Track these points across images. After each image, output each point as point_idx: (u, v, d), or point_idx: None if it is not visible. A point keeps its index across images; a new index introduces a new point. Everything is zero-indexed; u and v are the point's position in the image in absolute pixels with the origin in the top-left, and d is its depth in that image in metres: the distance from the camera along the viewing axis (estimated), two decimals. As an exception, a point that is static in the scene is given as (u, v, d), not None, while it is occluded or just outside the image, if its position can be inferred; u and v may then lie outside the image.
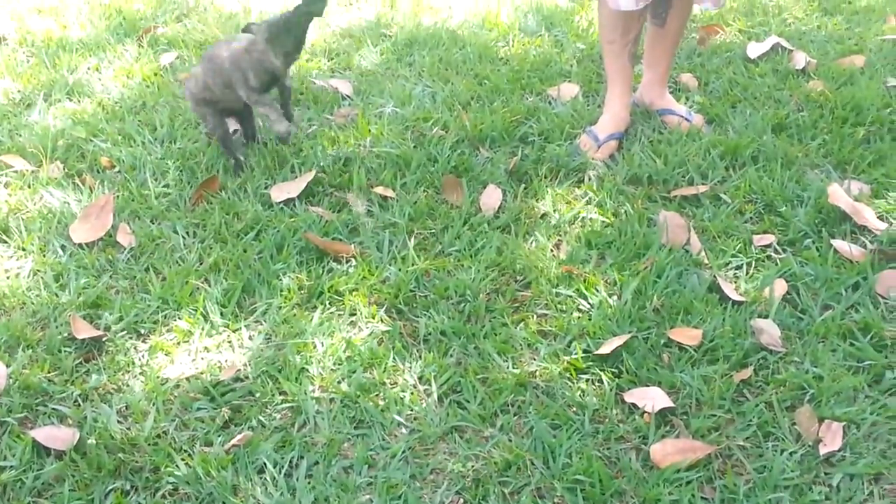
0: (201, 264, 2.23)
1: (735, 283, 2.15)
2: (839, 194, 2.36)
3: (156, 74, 3.17)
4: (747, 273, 2.18)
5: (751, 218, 2.38)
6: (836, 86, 2.95)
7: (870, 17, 3.53)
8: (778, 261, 2.21)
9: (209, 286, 2.15)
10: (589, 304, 2.10)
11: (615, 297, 2.11)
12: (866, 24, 3.47)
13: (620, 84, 2.76)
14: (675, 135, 2.71)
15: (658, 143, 2.69)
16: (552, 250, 2.28)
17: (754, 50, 3.22)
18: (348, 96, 3.03)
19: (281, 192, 2.48)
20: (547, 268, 2.20)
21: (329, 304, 2.12)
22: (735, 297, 2.08)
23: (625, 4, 2.56)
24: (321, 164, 2.62)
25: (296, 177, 2.57)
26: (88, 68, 3.21)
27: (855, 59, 3.12)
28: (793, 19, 3.55)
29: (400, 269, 2.20)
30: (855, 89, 2.91)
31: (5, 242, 2.32)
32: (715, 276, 2.14)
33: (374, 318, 2.08)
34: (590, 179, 2.55)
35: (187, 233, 2.35)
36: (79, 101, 3.00)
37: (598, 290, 2.12)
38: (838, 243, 2.23)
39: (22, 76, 3.14)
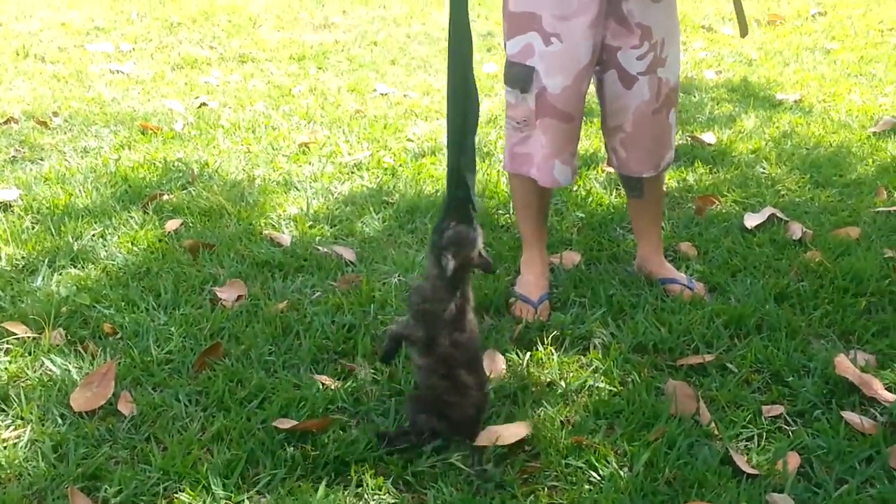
0: (204, 433, 2.19)
1: (747, 454, 2.12)
2: (846, 365, 2.36)
3: (160, 241, 3.21)
4: (759, 444, 2.15)
5: (758, 388, 2.37)
6: (833, 256, 3.00)
7: (861, 189, 3.63)
8: (790, 433, 2.18)
9: (212, 456, 2.10)
10: (600, 475, 2.06)
11: (626, 469, 2.07)
12: (858, 196, 3.56)
13: (539, 246, 2.91)
14: (678, 303, 2.73)
15: (661, 311, 2.70)
16: (561, 420, 2.25)
17: (751, 220, 3.29)
18: (352, 262, 3.06)
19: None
20: (556, 438, 2.17)
21: (335, 474, 2.07)
22: (748, 470, 2.04)
23: (563, 180, 2.74)
24: (325, 330, 2.62)
25: (300, 344, 2.56)
26: (93, 235, 3.25)
27: (850, 231, 3.19)
28: (786, 191, 3.64)
29: (408, 440, 2.16)
30: (853, 260, 2.95)
31: (4, 411, 2.28)
32: (727, 448, 2.11)
33: (380, 489, 2.03)
34: (595, 347, 2.55)
35: (190, 401, 2.32)
36: (83, 268, 3.02)
37: (608, 462, 2.09)
38: (849, 415, 2.21)
39: (26, 243, 3.17)
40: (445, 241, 2.12)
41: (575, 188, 3.66)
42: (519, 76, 2.64)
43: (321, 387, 2.36)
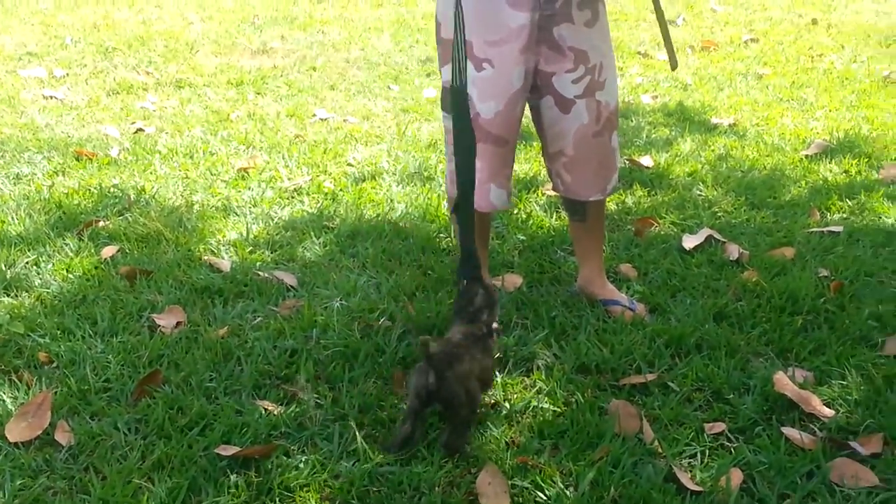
0: (144, 462, 2.15)
1: (691, 472, 2.14)
2: (785, 382, 2.41)
3: (96, 268, 3.15)
4: (702, 462, 2.18)
5: (700, 406, 2.40)
6: (770, 276, 3.06)
7: (795, 210, 3.71)
8: (732, 449, 2.21)
9: (153, 485, 2.06)
10: (546, 496, 2.06)
11: (572, 489, 2.08)
12: (792, 217, 3.64)
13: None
14: (619, 324, 2.76)
15: (604, 332, 2.73)
16: (506, 441, 2.25)
17: (689, 242, 3.34)
18: (293, 287, 3.04)
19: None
20: (501, 459, 2.17)
21: (279, 500, 2.04)
22: (692, 487, 2.06)
23: (500, 204, 2.79)
24: (267, 356, 2.59)
25: (241, 370, 2.53)
26: (27, 263, 3.17)
27: (785, 251, 3.25)
28: (722, 213, 3.71)
29: (354, 464, 2.14)
30: (789, 279, 3.01)
31: (-64, 444, 2.21)
32: (671, 466, 2.13)
33: (325, 515, 2.01)
34: (538, 368, 2.56)
35: (129, 429, 2.27)
36: (16, 296, 2.95)
37: (554, 482, 2.09)
38: (789, 431, 2.25)
39: (-42, 270, 3.09)
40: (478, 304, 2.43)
41: (515, 211, 3.68)
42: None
43: (264, 412, 2.34)
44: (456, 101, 2.51)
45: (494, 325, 2.43)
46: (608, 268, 3.13)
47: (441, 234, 3.47)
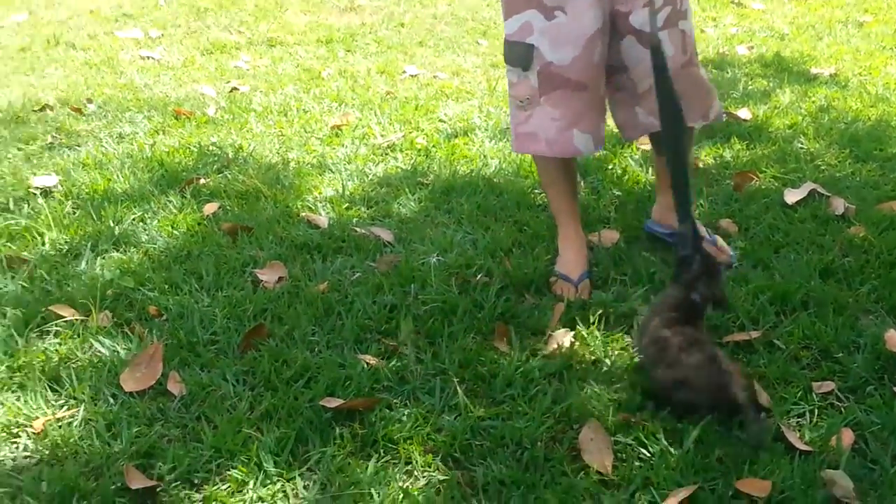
0: (252, 412, 2.21)
1: (799, 431, 2.10)
2: (897, 340, 2.34)
3: (199, 224, 3.22)
4: (811, 421, 2.14)
5: (808, 364, 2.35)
6: (878, 231, 2.97)
7: (903, 163, 3.59)
8: (842, 409, 2.17)
9: (262, 435, 2.12)
10: (650, 452, 2.05)
11: (676, 446, 2.06)
12: (900, 169, 3.52)
13: (573, 224, 2.90)
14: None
15: (705, 287, 2.68)
16: (608, 398, 2.24)
17: (791, 196, 3.25)
18: (390, 243, 3.06)
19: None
20: (604, 416, 2.17)
21: (384, 452, 2.08)
22: (801, 446, 2.03)
23: (585, 149, 2.73)
24: (367, 311, 2.62)
25: (343, 325, 2.56)
26: (133, 219, 3.26)
27: (893, 205, 3.15)
28: (826, 166, 3.60)
29: (456, 418, 2.16)
30: (898, 234, 2.92)
31: (57, 391, 2.30)
32: (779, 425, 2.10)
33: (430, 466, 2.03)
34: (639, 325, 2.54)
35: (237, 380, 2.33)
36: (125, 252, 3.04)
37: (657, 439, 2.08)
38: (902, 390, 2.19)
39: (69, 228, 3.19)
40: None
41: (610, 167, 3.64)
42: (519, 55, 2.63)
43: (366, 366, 2.37)
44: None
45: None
46: (707, 223, 3.07)
47: (535, 190, 3.45)
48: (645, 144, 3.82)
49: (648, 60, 2.50)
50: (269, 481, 1.99)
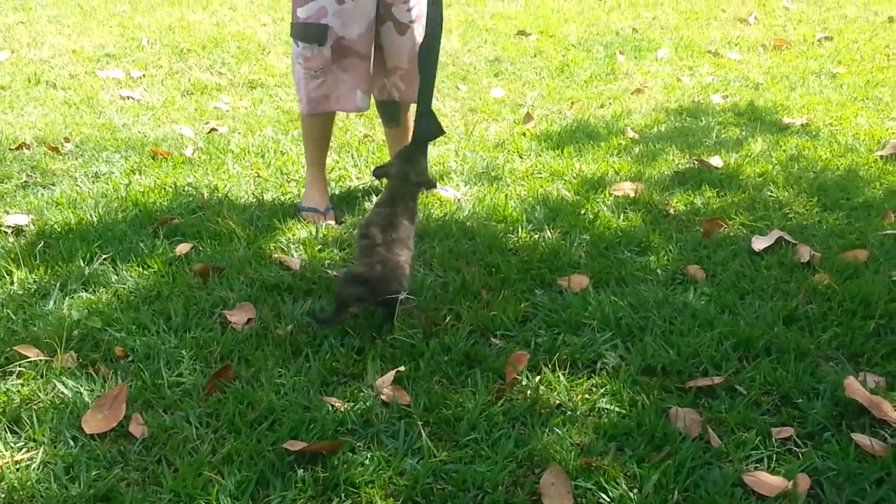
0: (215, 455, 2.20)
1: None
2: (856, 387, 2.36)
3: (171, 265, 3.22)
4: (769, 467, 2.15)
5: (768, 410, 2.37)
6: (842, 279, 3.01)
7: (868, 212, 3.63)
8: (800, 454, 2.18)
9: (223, 478, 2.11)
10: (609, 497, 2.06)
11: (636, 491, 2.07)
12: (865, 219, 3.57)
13: (321, 166, 3.86)
14: (686, 325, 2.74)
15: (670, 333, 2.71)
16: (570, 442, 2.25)
17: (759, 243, 3.30)
18: (361, 286, 3.07)
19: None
20: (565, 460, 2.17)
21: (345, 496, 2.08)
22: (759, 491, 2.04)
23: (364, 106, 3.62)
24: (335, 353, 2.63)
25: (310, 367, 2.57)
26: (104, 259, 3.26)
27: (858, 254, 3.19)
28: (794, 214, 3.65)
29: (419, 461, 2.16)
30: (861, 282, 2.96)
31: (17, 433, 2.29)
32: (737, 471, 2.11)
33: (390, 512, 2.04)
34: (604, 370, 2.55)
35: (200, 423, 2.33)
36: (94, 292, 3.04)
37: (618, 484, 2.09)
38: (859, 437, 2.21)
39: (38, 267, 3.19)
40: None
41: (582, 211, 3.67)
42: (316, 33, 3.43)
43: (331, 409, 2.37)
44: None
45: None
46: (675, 269, 3.12)
47: (509, 234, 3.48)
48: (618, 191, 3.87)
49: (398, 44, 3.59)
50: (227, 525, 1.98)
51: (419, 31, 3.53)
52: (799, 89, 5.79)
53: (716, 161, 4.28)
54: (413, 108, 3.68)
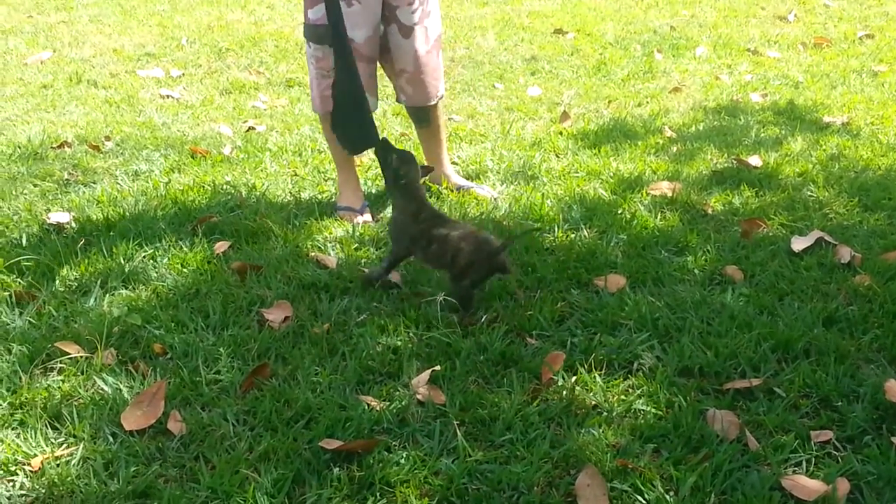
0: (251, 453, 2.22)
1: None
2: (897, 390, 2.34)
3: (209, 262, 3.25)
4: (807, 470, 2.13)
5: (807, 413, 2.35)
6: (883, 280, 2.97)
7: (911, 213, 3.59)
8: (839, 458, 2.16)
9: (259, 476, 2.13)
10: (645, 499, 2.05)
11: (672, 493, 2.06)
12: (907, 219, 3.52)
13: (351, 167, 3.87)
14: (723, 326, 2.72)
15: (707, 334, 2.69)
16: (606, 443, 2.25)
17: (798, 244, 3.26)
18: (396, 284, 3.08)
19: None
20: (601, 461, 2.17)
21: (380, 495, 2.09)
22: (798, 495, 2.02)
23: (373, 107, 3.61)
24: (371, 352, 2.64)
25: (346, 365, 2.58)
26: (144, 257, 3.30)
27: (900, 254, 3.15)
28: (834, 214, 3.61)
29: (454, 461, 2.17)
30: (903, 284, 2.92)
31: (57, 429, 2.33)
32: (775, 474, 2.09)
33: (425, 511, 2.04)
34: (640, 371, 2.54)
35: (237, 420, 2.35)
36: (134, 289, 3.07)
37: (654, 486, 2.08)
38: (900, 441, 2.19)
39: (79, 264, 3.23)
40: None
41: (619, 211, 3.65)
42: (325, 35, 3.46)
43: (367, 407, 2.38)
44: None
45: None
46: (713, 269, 3.09)
47: (545, 234, 3.47)
48: (655, 191, 3.84)
49: (403, 47, 3.62)
50: (264, 523, 2.00)
51: (423, 34, 3.63)
52: (839, 88, 5.71)
53: (754, 160, 4.24)
54: (441, 105, 3.91)
